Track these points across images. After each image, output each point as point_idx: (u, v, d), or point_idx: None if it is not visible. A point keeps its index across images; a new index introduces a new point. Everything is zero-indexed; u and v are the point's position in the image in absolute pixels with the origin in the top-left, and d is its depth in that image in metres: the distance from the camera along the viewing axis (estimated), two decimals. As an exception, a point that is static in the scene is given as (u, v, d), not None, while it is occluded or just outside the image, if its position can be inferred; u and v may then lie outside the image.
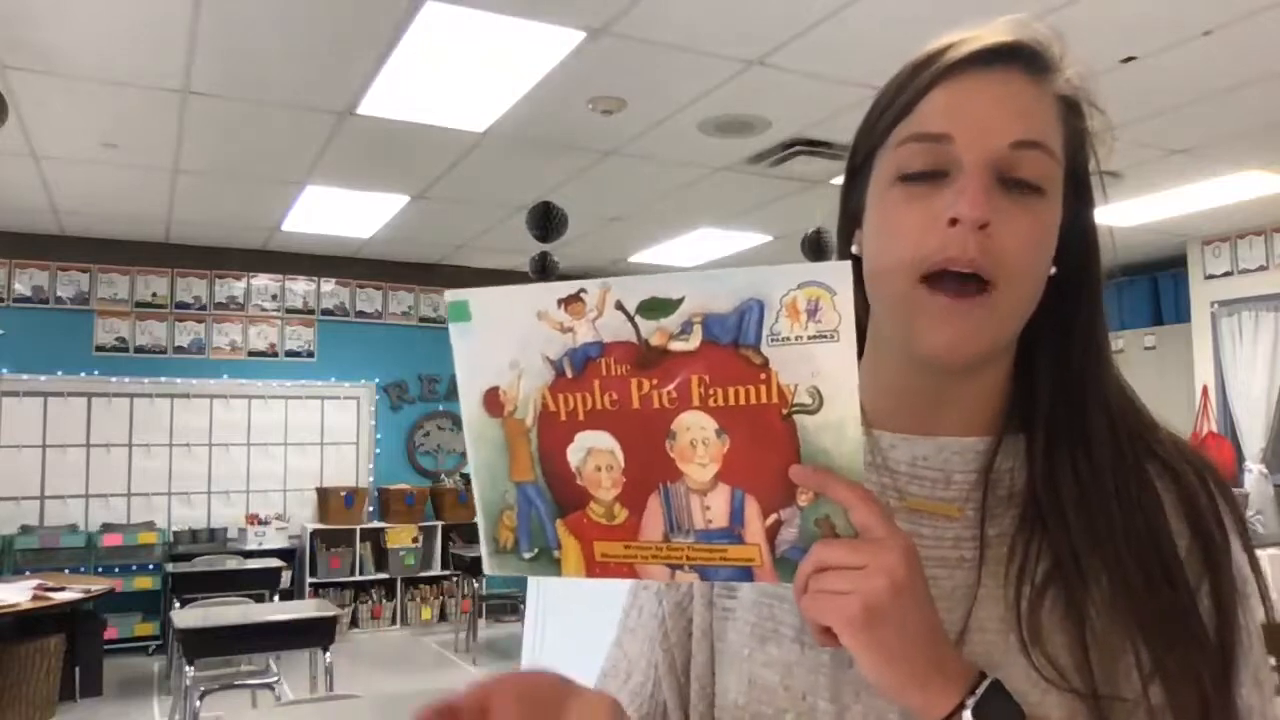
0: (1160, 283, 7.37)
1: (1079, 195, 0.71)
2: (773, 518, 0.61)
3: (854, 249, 0.75)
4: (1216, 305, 6.69)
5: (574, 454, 0.63)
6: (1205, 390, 6.71)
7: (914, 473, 0.73)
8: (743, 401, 0.58)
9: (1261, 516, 6.21)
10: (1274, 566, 4.66)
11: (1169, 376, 6.87)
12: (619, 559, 0.65)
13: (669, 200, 5.81)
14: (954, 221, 0.64)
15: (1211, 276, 6.74)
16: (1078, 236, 0.71)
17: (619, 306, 0.59)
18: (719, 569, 0.63)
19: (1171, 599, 0.64)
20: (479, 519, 0.68)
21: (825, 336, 0.56)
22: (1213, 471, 0.71)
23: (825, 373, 0.57)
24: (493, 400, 0.65)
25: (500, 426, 0.65)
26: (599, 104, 4.19)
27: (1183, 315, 6.98)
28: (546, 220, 5.38)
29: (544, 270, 5.60)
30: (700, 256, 7.38)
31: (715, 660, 0.75)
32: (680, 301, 0.58)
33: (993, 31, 0.68)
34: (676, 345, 0.58)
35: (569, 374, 0.62)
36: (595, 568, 0.65)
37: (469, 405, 0.66)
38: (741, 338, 0.57)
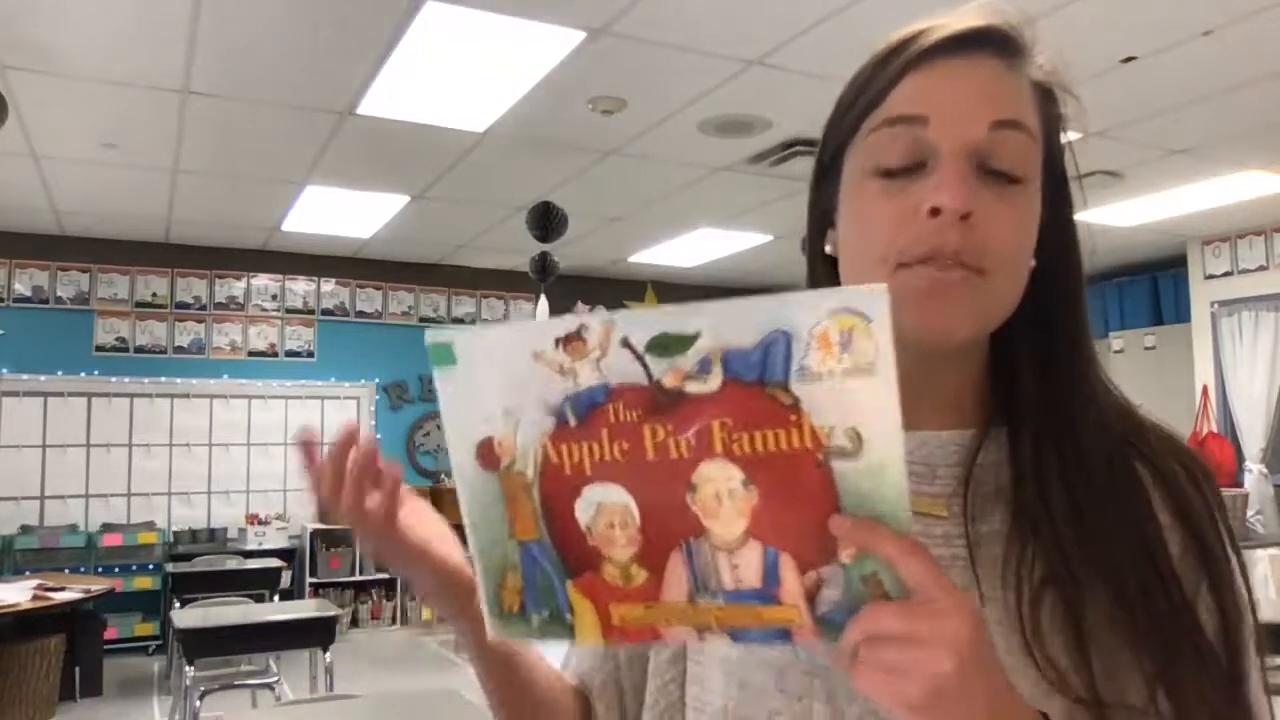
0: (1160, 283, 7.38)
1: (1055, 184, 0.69)
2: (812, 575, 0.53)
3: (828, 248, 0.72)
4: (1216, 305, 6.69)
5: (583, 511, 0.56)
6: (1205, 390, 6.71)
7: None
8: (772, 447, 0.51)
9: (1261, 516, 6.21)
10: (1274, 566, 4.66)
11: (1169, 376, 6.86)
12: (639, 621, 0.57)
13: (669, 200, 5.81)
14: (935, 212, 0.61)
15: (1211, 276, 6.74)
16: (1055, 228, 0.69)
17: (625, 344, 0.51)
18: (752, 631, 0.55)
19: (1169, 609, 0.62)
20: (479, 581, 0.60)
21: (861, 371, 0.49)
22: (1203, 469, 0.69)
23: (862, 412, 0.50)
24: (487, 452, 0.57)
25: (497, 481, 0.57)
26: (599, 104, 4.19)
27: (1183, 315, 6.99)
28: (546, 220, 5.38)
29: (544, 270, 5.60)
30: (700, 256, 7.38)
31: (691, 669, 0.74)
32: (696, 336, 0.50)
33: (962, 18, 0.65)
34: (694, 386, 0.51)
35: (572, 422, 0.54)
36: (613, 632, 0.58)
37: (460, 458, 0.58)
38: (768, 374, 0.50)
